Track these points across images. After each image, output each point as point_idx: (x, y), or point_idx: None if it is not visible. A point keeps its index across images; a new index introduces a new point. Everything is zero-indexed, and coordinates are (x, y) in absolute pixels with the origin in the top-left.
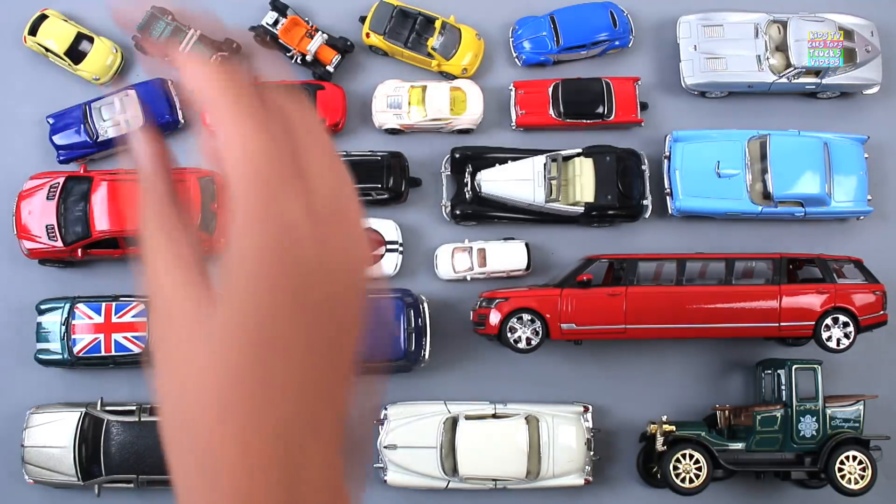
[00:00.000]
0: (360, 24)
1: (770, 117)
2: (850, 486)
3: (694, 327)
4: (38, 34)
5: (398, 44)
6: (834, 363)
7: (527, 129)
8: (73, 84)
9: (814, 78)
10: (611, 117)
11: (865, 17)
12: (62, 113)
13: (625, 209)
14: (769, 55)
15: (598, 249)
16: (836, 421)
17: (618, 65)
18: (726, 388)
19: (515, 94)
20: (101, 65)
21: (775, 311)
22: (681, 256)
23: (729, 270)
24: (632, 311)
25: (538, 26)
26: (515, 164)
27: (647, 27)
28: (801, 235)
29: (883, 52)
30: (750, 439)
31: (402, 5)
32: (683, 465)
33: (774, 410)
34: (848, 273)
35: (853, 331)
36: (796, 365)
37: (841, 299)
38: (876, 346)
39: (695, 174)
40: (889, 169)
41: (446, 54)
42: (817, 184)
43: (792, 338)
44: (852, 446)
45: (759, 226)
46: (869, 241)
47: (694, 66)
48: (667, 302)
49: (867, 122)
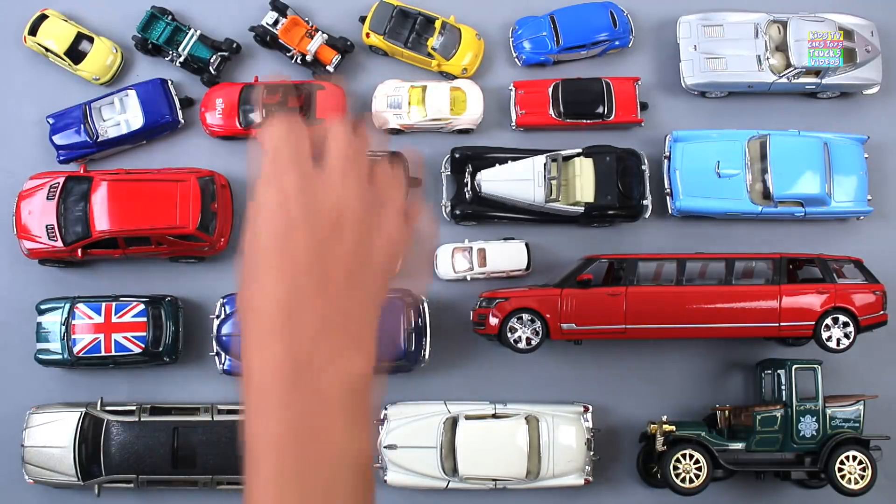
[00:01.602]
0: (359, 24)
1: (770, 117)
2: (850, 486)
3: (694, 327)
4: (38, 34)
5: (398, 44)
6: (834, 363)
7: (527, 129)
8: (73, 84)
9: (814, 78)
10: (611, 117)
11: (865, 17)
12: (62, 113)
13: (625, 209)
14: (769, 55)
15: (598, 249)
16: (836, 421)
17: (618, 65)
18: (726, 388)
19: (515, 94)
20: (101, 65)
21: (775, 311)
22: (681, 256)
23: (729, 270)
24: (632, 311)
25: (538, 26)
26: (515, 164)
27: (646, 27)
28: (801, 235)
29: (883, 52)
30: (750, 439)
31: (402, 5)
32: (683, 465)
33: (774, 410)
34: (848, 273)
35: (853, 331)
36: (796, 365)
37: (841, 299)
38: (876, 346)
39: (695, 174)
40: (889, 169)
41: (446, 54)
42: (817, 184)
43: (792, 338)
44: (852, 446)
45: (758, 226)
46: (869, 241)
47: (694, 66)
48: (667, 302)
49: (867, 122)
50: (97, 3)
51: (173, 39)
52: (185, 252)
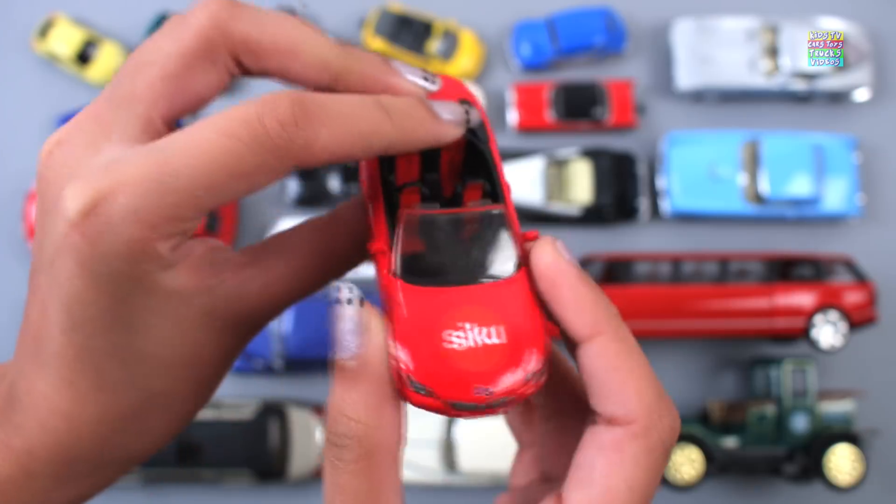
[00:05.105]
0: (360, 28)
1: (763, 120)
2: (841, 481)
3: (689, 326)
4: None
5: (398, 47)
6: (825, 360)
7: (525, 132)
8: (82, 87)
9: (806, 81)
10: (608, 120)
11: (857, 22)
12: (70, 116)
13: (621, 210)
14: (762, 59)
15: (596, 249)
16: (827, 417)
17: (614, 68)
18: (720, 384)
19: (514, 97)
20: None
21: (768, 309)
22: (676, 257)
23: (723, 270)
24: (628, 310)
25: (536, 31)
26: (514, 165)
27: (642, 31)
28: (794, 235)
29: (873, 56)
30: (743, 435)
31: (402, 10)
32: (678, 461)
33: (767, 407)
34: (839, 272)
35: (844, 328)
36: (788, 362)
37: (832, 298)
38: (866, 343)
39: (690, 176)
40: (879, 170)
41: (446, 58)
42: (809, 185)
43: (784, 335)
44: (843, 442)
45: (752, 226)
46: (859, 241)
47: (688, 70)
48: (662, 301)
49: (858, 124)
50: (106, 8)
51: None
52: None
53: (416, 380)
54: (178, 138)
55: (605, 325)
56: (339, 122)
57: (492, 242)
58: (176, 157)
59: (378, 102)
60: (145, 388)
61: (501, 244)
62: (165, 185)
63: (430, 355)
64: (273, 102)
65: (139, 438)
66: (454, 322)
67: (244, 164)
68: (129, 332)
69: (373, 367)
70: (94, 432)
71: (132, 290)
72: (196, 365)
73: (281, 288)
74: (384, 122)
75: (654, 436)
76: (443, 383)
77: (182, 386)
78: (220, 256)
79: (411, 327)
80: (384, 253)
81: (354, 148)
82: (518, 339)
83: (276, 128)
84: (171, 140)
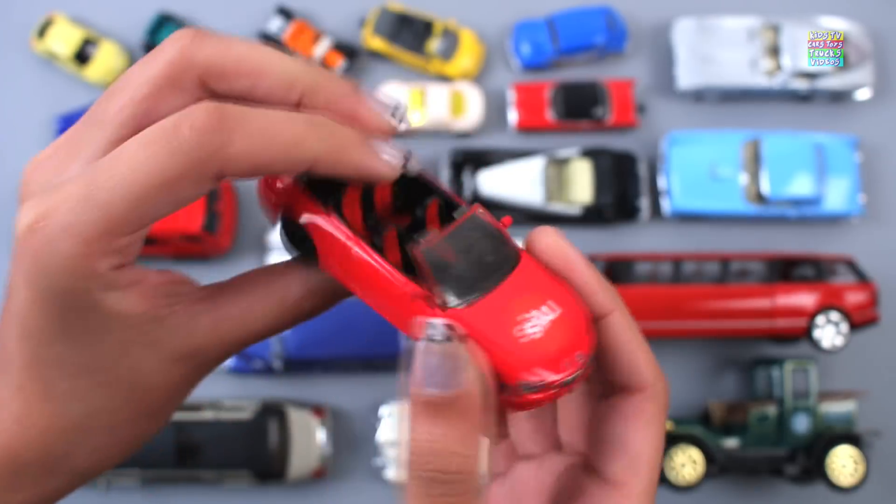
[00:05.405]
0: (360, 28)
1: (764, 119)
2: (843, 482)
3: (690, 326)
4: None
5: (398, 47)
6: (827, 361)
7: (526, 131)
8: (81, 87)
9: (807, 81)
10: (608, 119)
11: (858, 21)
12: (70, 116)
13: (622, 210)
14: (763, 59)
15: (597, 249)
16: (828, 417)
17: (615, 68)
18: (721, 385)
19: (514, 97)
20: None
21: (769, 309)
22: (677, 257)
23: (724, 270)
24: (629, 310)
25: (536, 30)
26: (515, 165)
27: (643, 31)
28: (795, 235)
29: (875, 55)
30: (744, 436)
31: (402, 9)
32: (679, 461)
33: (768, 407)
34: (840, 272)
35: (846, 329)
36: (790, 363)
37: (833, 298)
38: (868, 343)
39: (690, 175)
40: (880, 170)
41: (446, 57)
42: (810, 185)
43: (785, 336)
44: (844, 442)
45: (753, 226)
46: (861, 241)
47: (689, 70)
48: (663, 301)
49: (859, 124)
50: (104, 8)
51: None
52: (189, 252)
53: (529, 381)
54: (110, 154)
55: (613, 303)
56: (258, 130)
57: (491, 240)
58: (102, 171)
59: (307, 119)
60: (89, 402)
61: (497, 239)
62: (93, 200)
63: (525, 354)
64: (191, 111)
65: (86, 455)
66: (514, 318)
67: (165, 172)
68: (73, 346)
69: (473, 399)
70: (41, 440)
71: (74, 306)
72: (141, 389)
73: (230, 327)
74: (308, 136)
75: (662, 396)
76: (551, 369)
77: (126, 407)
78: (179, 289)
79: (494, 342)
80: (418, 294)
81: (275, 158)
82: (567, 303)
83: (190, 133)
84: (106, 157)
